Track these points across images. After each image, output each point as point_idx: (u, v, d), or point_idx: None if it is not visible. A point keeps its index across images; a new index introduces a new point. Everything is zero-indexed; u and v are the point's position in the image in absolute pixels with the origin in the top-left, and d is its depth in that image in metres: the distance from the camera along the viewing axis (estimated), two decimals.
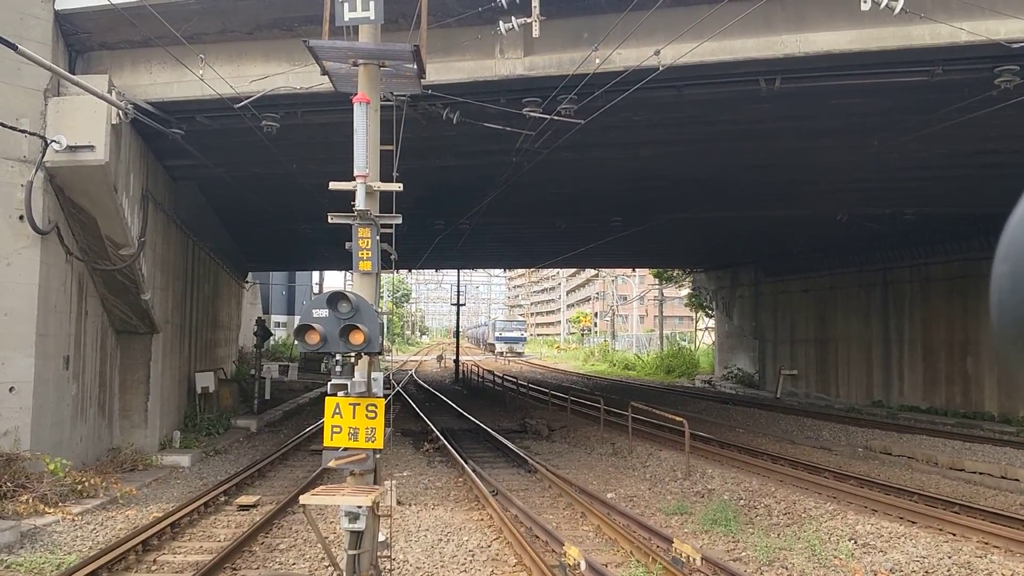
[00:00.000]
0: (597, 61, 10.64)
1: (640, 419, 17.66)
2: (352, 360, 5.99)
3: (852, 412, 24.58)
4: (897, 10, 9.21)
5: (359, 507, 5.88)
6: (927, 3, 9.66)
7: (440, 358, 61.68)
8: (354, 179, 6.29)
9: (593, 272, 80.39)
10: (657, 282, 53.35)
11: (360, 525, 5.93)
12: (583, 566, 8.02)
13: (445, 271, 55.37)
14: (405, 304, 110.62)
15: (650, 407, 16.38)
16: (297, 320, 5.95)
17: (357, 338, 5.73)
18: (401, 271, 59.18)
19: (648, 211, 21.92)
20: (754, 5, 9.44)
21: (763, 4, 9.48)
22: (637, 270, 59.67)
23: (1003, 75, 10.44)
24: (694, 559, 8.23)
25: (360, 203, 6.24)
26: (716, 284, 39.70)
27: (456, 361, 45.37)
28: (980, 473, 14.59)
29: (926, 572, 8.15)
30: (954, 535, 9.69)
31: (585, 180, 18.13)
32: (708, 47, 10.21)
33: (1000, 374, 22.00)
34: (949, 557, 8.48)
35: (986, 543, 9.30)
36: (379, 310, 6.25)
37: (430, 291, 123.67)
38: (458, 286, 47.15)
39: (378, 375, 6.21)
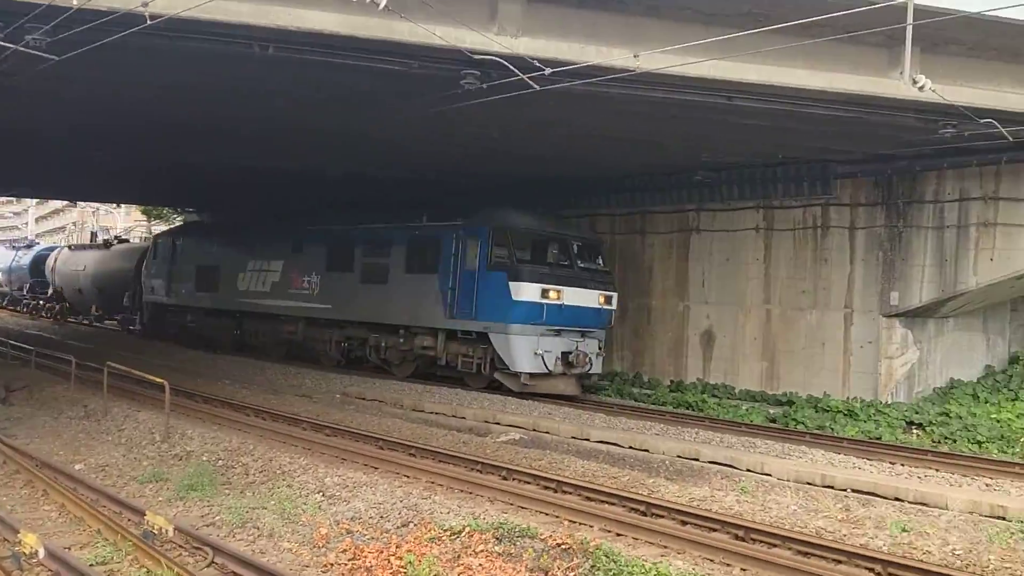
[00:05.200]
0: None
1: (120, 374, 16.65)
2: None
3: None
4: (381, 6, 9.99)
5: None
6: (409, 4, 10.59)
7: None
8: None
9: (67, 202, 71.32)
10: (145, 218, 50.20)
11: None
12: (41, 554, 7.49)
13: None
14: None
15: (129, 370, 15.51)
16: None
17: None
18: None
19: (137, 150, 20.81)
20: None
21: None
22: (123, 205, 55.23)
23: (467, 78, 12.01)
24: (166, 530, 8.23)
25: None
26: None
27: None
28: (436, 413, 16.83)
29: (381, 517, 9.28)
30: (408, 478, 11.14)
31: (65, 113, 16.50)
32: (208, 6, 9.92)
33: None
34: (401, 501, 9.73)
35: (432, 483, 10.87)
36: None
37: None
38: None
39: None
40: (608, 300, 19.03)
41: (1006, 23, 11.26)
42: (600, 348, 18.97)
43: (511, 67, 11.21)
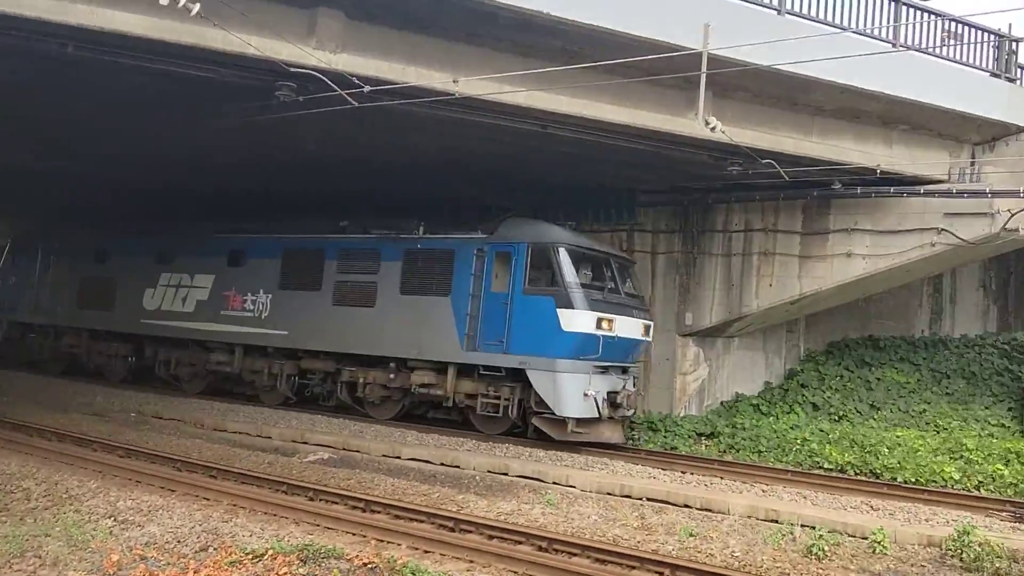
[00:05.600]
0: None
1: None
2: None
3: None
4: (194, 12, 9.68)
5: None
6: (224, 12, 10.30)
7: None
8: None
9: None
10: None
11: None
12: None
13: None
14: None
15: None
16: None
17: None
18: None
19: None
20: None
21: None
22: None
23: (283, 89, 11.84)
24: None
25: None
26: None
27: None
28: (240, 433, 16.27)
29: (178, 541, 8.88)
30: (208, 500, 10.69)
31: None
32: None
33: None
34: (200, 524, 9.36)
35: (234, 505, 10.49)
36: None
37: None
38: None
39: None
40: (647, 330, 16.41)
41: (785, 75, 12.52)
42: (636, 386, 16.44)
43: (329, 82, 11.18)
